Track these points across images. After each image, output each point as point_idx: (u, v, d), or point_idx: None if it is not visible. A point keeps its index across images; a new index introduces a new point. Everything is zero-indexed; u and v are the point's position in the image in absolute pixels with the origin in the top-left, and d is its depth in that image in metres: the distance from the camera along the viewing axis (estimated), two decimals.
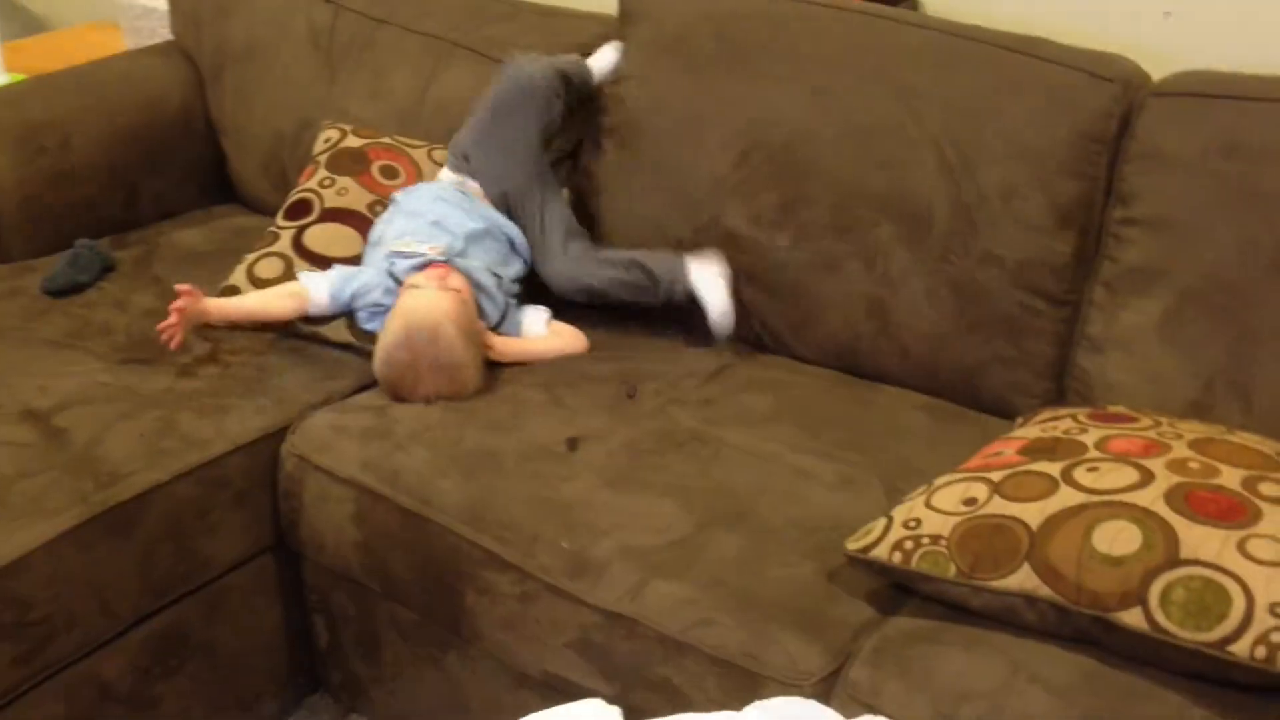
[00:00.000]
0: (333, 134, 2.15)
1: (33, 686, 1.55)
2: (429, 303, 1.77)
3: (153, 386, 1.80)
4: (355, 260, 1.98)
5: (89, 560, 1.57)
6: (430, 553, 1.61)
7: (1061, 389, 1.74)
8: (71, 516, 1.56)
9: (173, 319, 1.80)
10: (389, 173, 2.07)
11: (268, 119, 2.35)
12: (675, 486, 1.60)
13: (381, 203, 2.03)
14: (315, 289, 1.88)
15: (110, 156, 2.29)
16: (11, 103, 2.26)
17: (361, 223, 2.01)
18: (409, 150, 2.10)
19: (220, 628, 1.77)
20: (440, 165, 2.07)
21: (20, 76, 2.66)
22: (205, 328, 1.96)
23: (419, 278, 1.81)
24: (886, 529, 1.40)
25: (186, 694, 1.74)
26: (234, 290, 1.96)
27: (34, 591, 1.52)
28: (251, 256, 1.99)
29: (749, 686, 1.37)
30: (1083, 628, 1.29)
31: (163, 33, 2.71)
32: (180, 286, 1.81)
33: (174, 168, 2.40)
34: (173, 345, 1.81)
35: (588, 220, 2.06)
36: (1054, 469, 1.37)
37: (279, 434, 1.77)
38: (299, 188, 2.08)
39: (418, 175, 2.07)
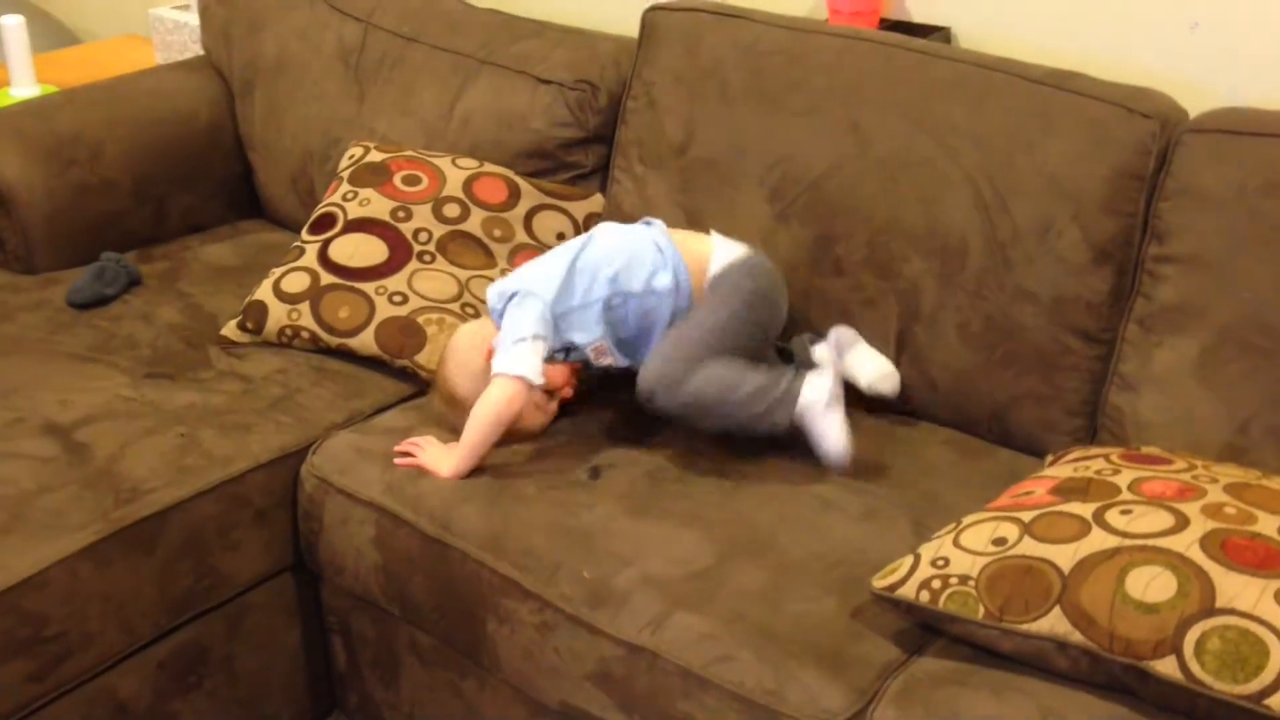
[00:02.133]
0: (357, 151, 2.15)
1: (48, 703, 1.55)
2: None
3: (176, 403, 1.79)
4: (382, 267, 1.95)
5: (107, 576, 1.56)
6: (451, 579, 1.60)
7: (1093, 428, 1.72)
8: (91, 533, 1.55)
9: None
10: (411, 180, 2.06)
11: (297, 135, 2.35)
12: (697, 516, 1.59)
13: (405, 209, 2.01)
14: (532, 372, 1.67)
15: (139, 170, 2.30)
16: (42, 115, 2.28)
17: (385, 230, 1.99)
18: (431, 160, 2.10)
19: (239, 646, 1.75)
20: (463, 171, 2.06)
21: (51, 89, 2.67)
22: (229, 343, 1.96)
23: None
24: (914, 567, 1.38)
25: (204, 712, 1.73)
26: (260, 305, 1.95)
27: (51, 608, 1.51)
28: (278, 271, 1.99)
29: None
30: (1115, 675, 1.27)
31: (194, 47, 2.73)
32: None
33: (202, 182, 2.40)
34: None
35: None
36: (1086, 510, 1.35)
37: (300, 453, 1.76)
38: (323, 202, 2.08)
39: (441, 181, 2.06)
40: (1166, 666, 1.22)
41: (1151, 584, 1.24)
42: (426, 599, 1.64)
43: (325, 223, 2.03)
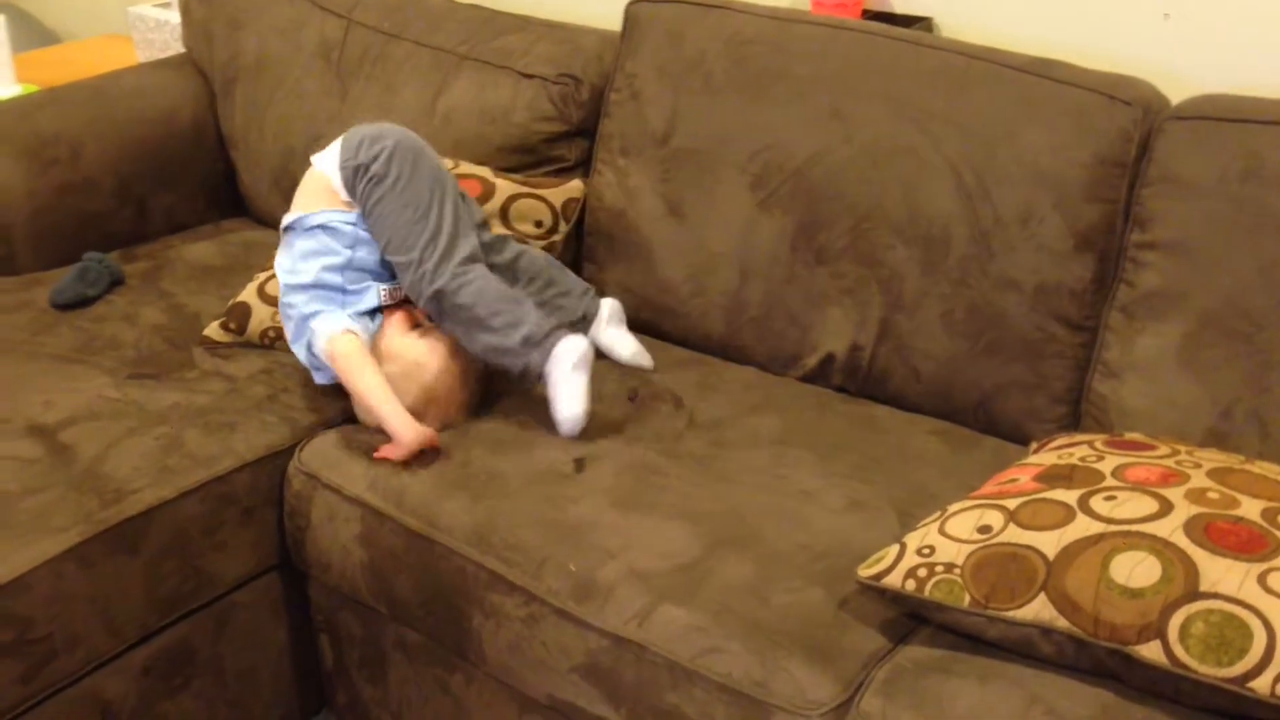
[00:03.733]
0: None
1: (34, 705, 1.54)
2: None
3: (160, 403, 1.79)
4: None
5: (92, 578, 1.56)
6: (436, 574, 1.59)
7: (1078, 415, 1.72)
8: (75, 534, 1.54)
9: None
10: None
11: (279, 133, 2.34)
12: (683, 508, 1.59)
13: None
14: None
15: (121, 169, 2.29)
16: (24, 114, 2.26)
17: None
18: None
19: (226, 646, 1.75)
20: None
21: (32, 88, 2.66)
22: (212, 344, 1.95)
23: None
24: (899, 556, 1.38)
25: (191, 713, 1.73)
26: (244, 307, 1.95)
27: (36, 610, 1.50)
28: (263, 276, 1.98)
29: (758, 716, 1.35)
30: (1101, 660, 1.27)
31: (175, 45, 2.72)
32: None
33: (184, 181, 2.39)
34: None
35: (605, 234, 2.05)
36: (1071, 497, 1.35)
37: (287, 451, 1.75)
38: None
39: None
40: (1151, 651, 1.22)
41: (1136, 569, 1.25)
42: (412, 595, 1.64)
43: None
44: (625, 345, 1.92)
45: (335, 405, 1.83)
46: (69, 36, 3.36)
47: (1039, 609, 1.29)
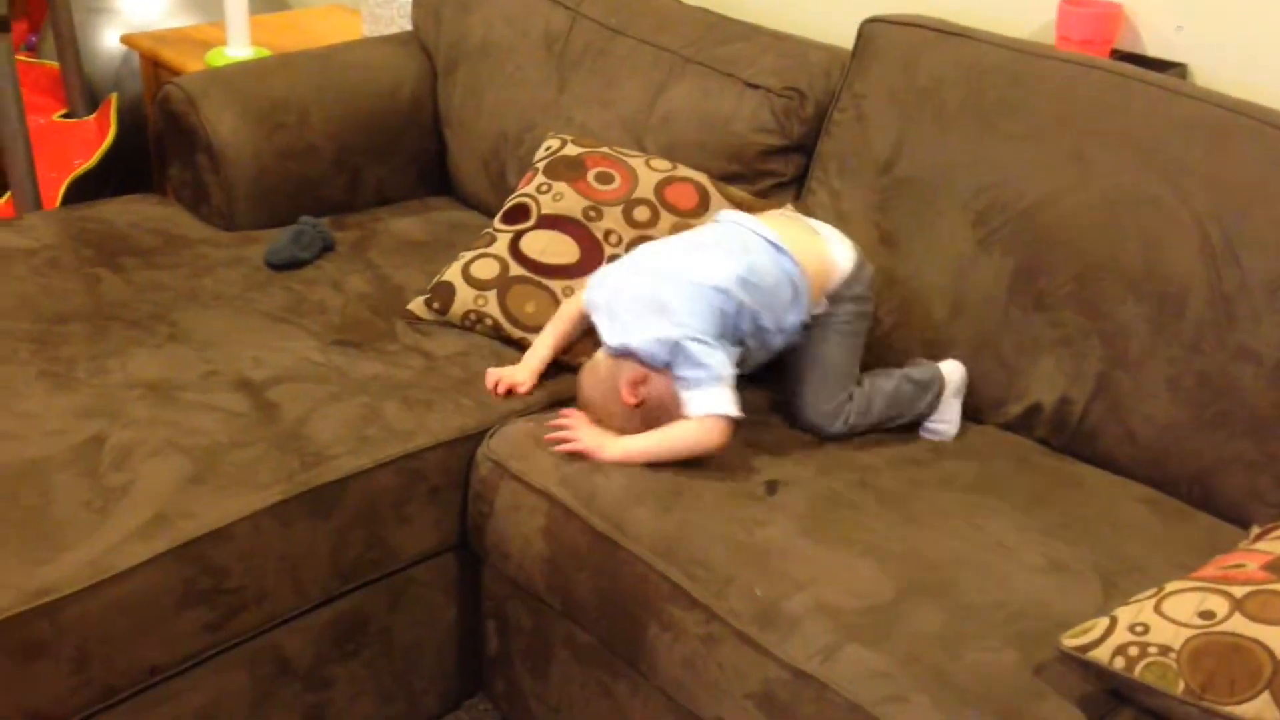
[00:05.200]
0: (554, 143, 2.15)
1: (218, 653, 1.58)
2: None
3: (361, 372, 1.82)
4: (573, 267, 1.96)
5: (287, 537, 1.59)
6: (617, 579, 1.58)
7: None
8: (277, 492, 1.58)
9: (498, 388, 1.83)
10: (604, 179, 2.05)
11: (494, 117, 2.37)
12: (874, 546, 1.54)
13: (596, 208, 2.00)
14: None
15: (340, 139, 2.35)
16: (259, 77, 2.34)
17: (576, 229, 1.99)
18: (626, 159, 2.08)
19: (398, 619, 1.77)
20: (656, 174, 2.04)
21: (264, 51, 2.75)
22: (414, 318, 1.98)
23: None
24: (1109, 630, 1.31)
25: (359, 678, 1.76)
26: (448, 287, 1.97)
27: (233, 561, 1.54)
28: (468, 255, 2.00)
29: None
30: None
31: (401, 22, 2.78)
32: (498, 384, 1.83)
33: (398, 156, 2.44)
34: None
35: None
36: None
37: (477, 436, 1.77)
38: (517, 192, 2.09)
39: (633, 182, 2.04)
40: None
41: None
42: (590, 596, 1.63)
43: (519, 214, 2.03)
44: (952, 422, 1.85)
45: (527, 396, 1.84)
46: (299, 4, 3.47)
47: (1261, 708, 1.20)
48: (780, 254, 1.74)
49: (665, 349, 1.65)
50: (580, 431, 1.69)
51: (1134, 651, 1.28)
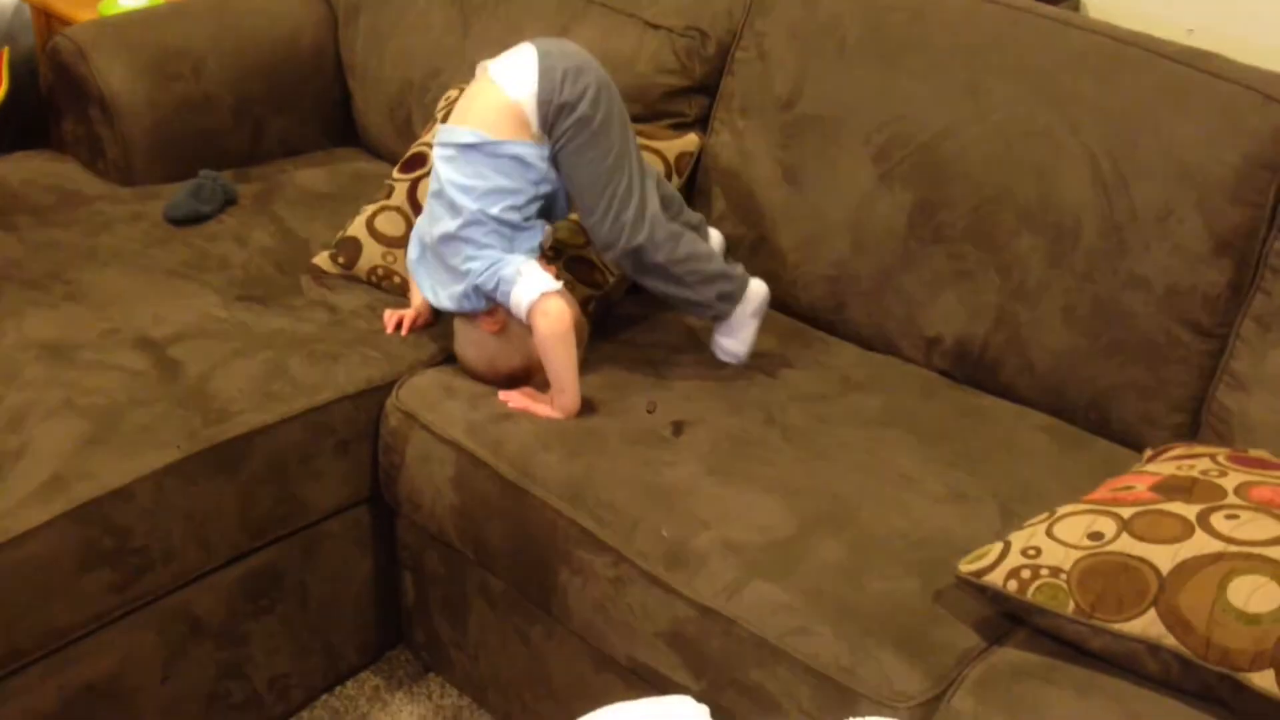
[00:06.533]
0: (454, 93, 2.11)
1: (125, 614, 1.57)
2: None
3: (266, 326, 1.80)
4: None
5: (191, 494, 1.58)
6: (527, 525, 1.59)
7: (1196, 425, 1.66)
8: (179, 450, 1.56)
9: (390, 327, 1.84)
10: None
11: (398, 64, 2.33)
12: (780, 483, 1.56)
13: None
14: None
15: (240, 89, 2.29)
16: (153, 25, 2.28)
17: None
18: None
19: (312, 574, 1.77)
20: None
21: (160, 0, 2.67)
22: (320, 273, 1.96)
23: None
24: (1003, 554, 1.35)
25: (274, 634, 1.75)
26: (354, 243, 1.95)
27: (136, 521, 1.53)
28: (371, 208, 1.98)
29: (843, 701, 1.33)
30: (1209, 684, 1.22)
31: None
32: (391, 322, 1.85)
33: (300, 106, 2.39)
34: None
35: (708, 196, 2.01)
36: (1189, 511, 1.30)
37: (385, 388, 1.76)
38: (417, 141, 2.06)
39: None
40: (1264, 680, 1.18)
41: (1255, 594, 1.20)
42: (501, 543, 1.64)
43: (416, 162, 2.00)
44: (745, 342, 1.82)
45: (435, 345, 1.83)
46: None
47: (1147, 625, 1.24)
48: (470, 150, 1.67)
49: (472, 294, 1.69)
50: (535, 404, 1.69)
51: (1026, 574, 1.32)
